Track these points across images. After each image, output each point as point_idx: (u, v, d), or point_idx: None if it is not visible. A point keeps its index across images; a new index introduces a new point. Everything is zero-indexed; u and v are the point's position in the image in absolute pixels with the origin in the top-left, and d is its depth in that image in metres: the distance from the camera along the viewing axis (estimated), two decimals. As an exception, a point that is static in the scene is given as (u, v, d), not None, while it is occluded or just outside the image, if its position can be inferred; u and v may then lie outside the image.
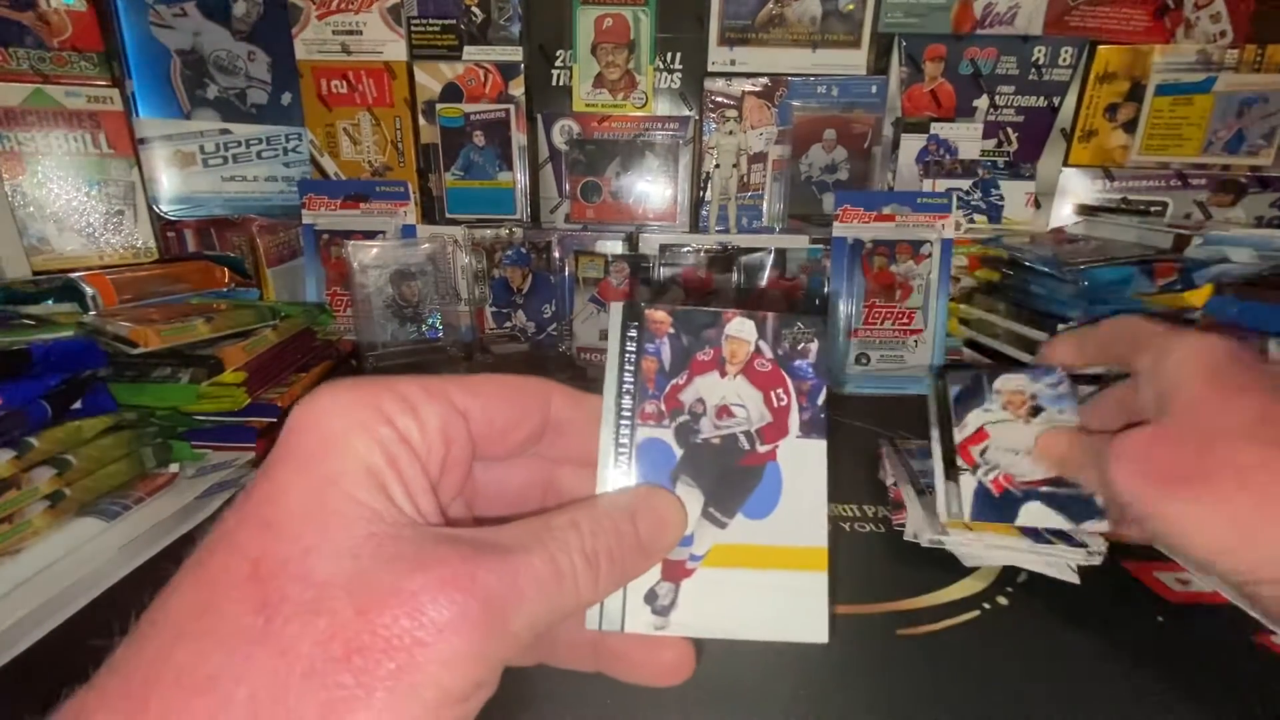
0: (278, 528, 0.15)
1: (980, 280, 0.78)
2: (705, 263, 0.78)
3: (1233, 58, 0.79)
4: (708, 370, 0.21)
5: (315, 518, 0.15)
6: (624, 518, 0.18)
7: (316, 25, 0.78)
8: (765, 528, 0.20)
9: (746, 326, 0.21)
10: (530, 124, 0.82)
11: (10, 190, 0.72)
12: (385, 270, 0.74)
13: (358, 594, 0.14)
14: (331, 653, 0.13)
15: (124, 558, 0.40)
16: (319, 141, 0.82)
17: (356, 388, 0.17)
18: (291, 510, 0.15)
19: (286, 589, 0.14)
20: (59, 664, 0.33)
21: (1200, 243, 0.60)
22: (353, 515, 0.15)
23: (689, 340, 0.21)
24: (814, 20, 0.79)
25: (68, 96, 0.73)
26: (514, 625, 0.15)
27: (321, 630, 0.14)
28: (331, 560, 0.14)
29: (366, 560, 0.15)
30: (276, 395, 0.58)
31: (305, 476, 0.16)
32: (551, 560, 0.16)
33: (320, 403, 0.17)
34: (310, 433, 0.16)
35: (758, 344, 0.21)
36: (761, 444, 0.20)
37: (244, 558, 0.15)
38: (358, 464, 0.16)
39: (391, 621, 0.14)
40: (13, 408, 0.40)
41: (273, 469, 0.16)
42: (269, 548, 0.15)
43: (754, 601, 0.19)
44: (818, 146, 0.82)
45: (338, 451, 0.16)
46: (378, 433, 0.16)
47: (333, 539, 0.15)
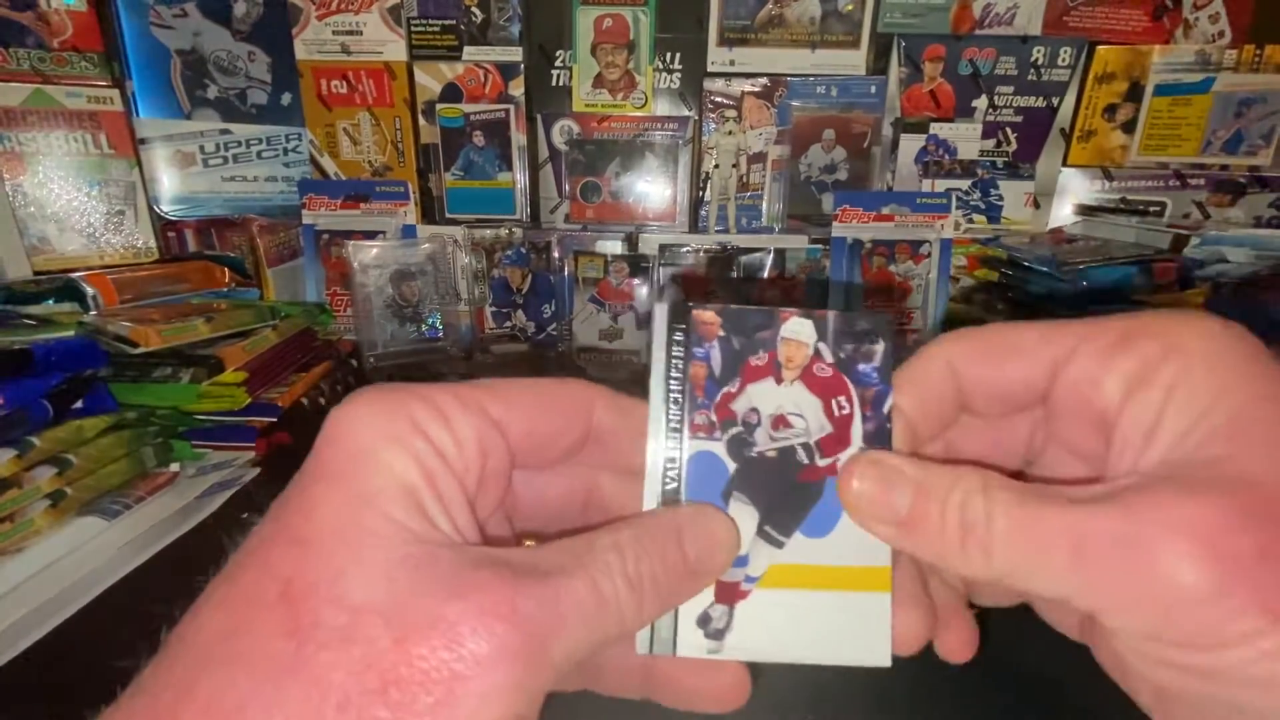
0: (310, 546, 0.14)
1: (979, 280, 0.78)
2: (705, 263, 0.78)
3: (1231, 58, 0.79)
4: (762, 376, 0.19)
5: (349, 537, 0.14)
6: (670, 539, 0.17)
7: (316, 25, 0.78)
8: (825, 547, 0.18)
9: (805, 327, 0.19)
10: (530, 124, 0.82)
11: (11, 190, 0.72)
12: (385, 270, 0.74)
13: (394, 622, 0.13)
14: (367, 684, 0.13)
15: (125, 557, 0.40)
16: (319, 142, 0.82)
17: (390, 397, 0.16)
18: (325, 528, 0.15)
19: (320, 613, 0.13)
20: (60, 663, 0.33)
21: (1198, 243, 0.60)
22: (388, 535, 0.15)
23: (741, 343, 0.19)
24: (813, 21, 0.79)
25: (68, 97, 0.73)
26: (555, 655, 0.14)
27: (356, 660, 0.13)
28: (366, 583, 0.14)
29: (403, 584, 0.14)
30: (277, 395, 0.58)
31: (339, 493, 0.15)
32: (594, 585, 0.15)
33: (354, 413, 0.16)
34: (344, 445, 0.16)
35: (817, 346, 0.19)
36: (821, 457, 0.19)
37: (275, 577, 0.14)
38: (393, 481, 0.15)
39: (429, 653, 0.13)
40: (14, 407, 0.40)
41: (306, 483, 0.15)
42: (301, 567, 0.14)
43: (813, 624, 0.18)
44: (817, 146, 0.82)
45: (373, 467, 0.15)
46: (413, 447, 0.16)
47: (367, 561, 0.14)
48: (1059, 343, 0.18)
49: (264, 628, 0.13)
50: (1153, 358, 0.16)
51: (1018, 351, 0.18)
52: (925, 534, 0.17)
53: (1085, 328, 0.18)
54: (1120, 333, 0.17)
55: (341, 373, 0.69)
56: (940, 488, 0.17)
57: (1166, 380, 0.16)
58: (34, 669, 0.32)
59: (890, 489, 0.17)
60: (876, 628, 0.18)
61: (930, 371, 0.19)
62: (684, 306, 0.19)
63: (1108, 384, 0.17)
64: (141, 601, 0.38)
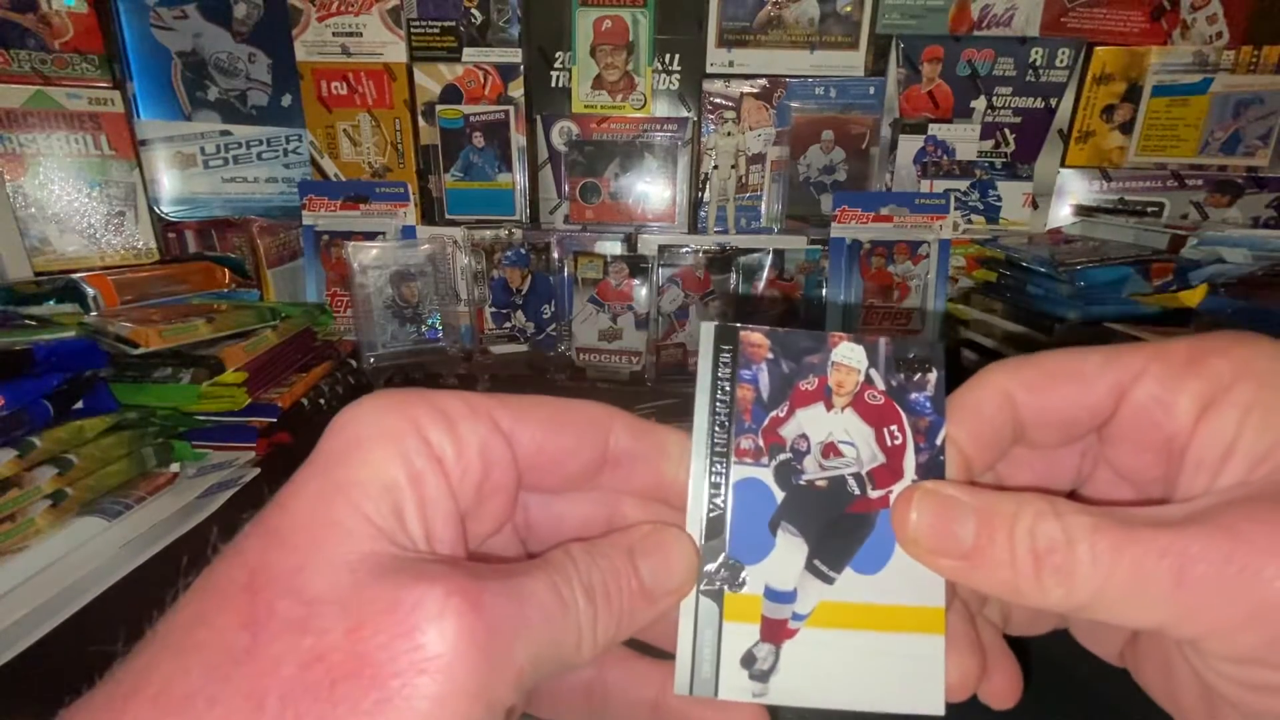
0: (279, 536, 0.14)
1: (978, 281, 0.78)
2: (704, 263, 0.78)
3: (1229, 59, 0.79)
4: (812, 402, 0.18)
5: (316, 528, 0.14)
6: (621, 556, 0.17)
7: (316, 27, 0.78)
8: (876, 584, 0.17)
9: (856, 352, 0.18)
10: (529, 125, 0.82)
11: (12, 191, 0.72)
12: (385, 271, 0.75)
13: (350, 610, 0.13)
14: (313, 679, 0.12)
15: (125, 556, 0.41)
16: (319, 143, 0.82)
17: (395, 397, 0.16)
18: (296, 519, 0.14)
19: (276, 604, 0.13)
20: (60, 662, 0.33)
21: (1196, 243, 0.60)
22: (354, 529, 0.14)
23: (790, 367, 0.18)
24: (812, 22, 0.79)
25: (69, 98, 0.73)
26: (519, 657, 0.14)
27: (306, 652, 0.12)
28: (325, 575, 0.13)
29: (366, 578, 0.13)
30: (277, 395, 0.58)
31: (318, 483, 0.15)
32: (554, 588, 0.15)
33: (356, 410, 0.16)
34: (338, 438, 0.15)
35: (868, 373, 0.18)
36: (873, 489, 0.18)
37: (243, 567, 0.14)
38: (373, 475, 0.15)
39: (385, 643, 0.12)
40: (15, 407, 0.40)
41: (297, 473, 0.15)
42: (265, 558, 0.14)
43: (863, 667, 0.17)
44: (816, 147, 0.82)
45: (355, 459, 0.15)
46: (403, 444, 0.15)
47: (328, 552, 0.14)
48: (1123, 366, 0.17)
49: (224, 618, 0.13)
50: (1224, 378, 0.16)
51: (1080, 377, 0.18)
52: (993, 565, 0.15)
53: (1150, 350, 0.17)
54: (1187, 354, 0.16)
55: (341, 373, 0.69)
56: (1006, 514, 0.16)
57: (1241, 401, 0.15)
58: (34, 669, 0.32)
59: (951, 520, 0.16)
60: (929, 672, 0.17)
61: (985, 400, 0.18)
62: (731, 327, 0.18)
63: (1179, 406, 0.16)
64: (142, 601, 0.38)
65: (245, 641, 0.13)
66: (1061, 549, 0.15)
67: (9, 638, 0.33)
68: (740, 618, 0.17)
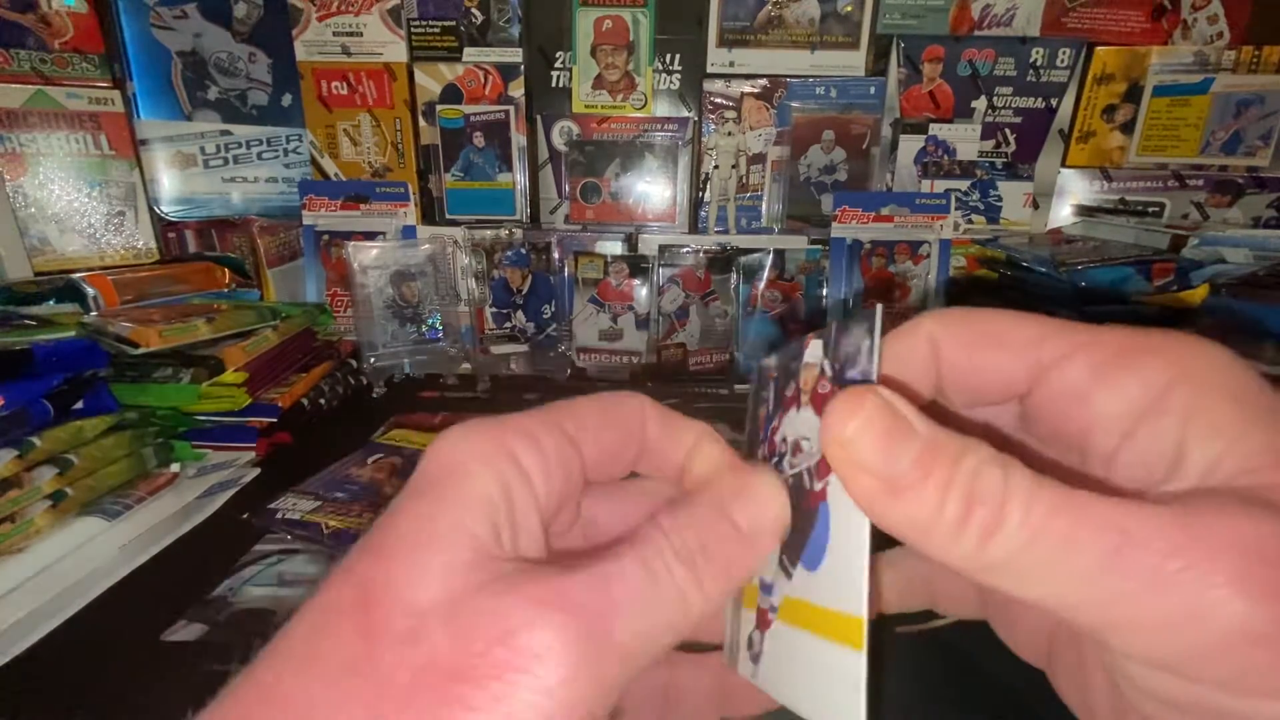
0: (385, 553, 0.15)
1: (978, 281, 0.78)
2: (704, 263, 0.78)
3: (1230, 59, 0.79)
4: (791, 405, 0.18)
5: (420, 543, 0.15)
6: (714, 510, 0.17)
7: (317, 27, 0.78)
8: (816, 582, 0.16)
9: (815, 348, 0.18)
10: (530, 125, 0.82)
11: (12, 191, 0.72)
12: (385, 271, 0.74)
13: (450, 620, 0.14)
14: (427, 682, 0.13)
15: (125, 557, 0.41)
16: (319, 143, 0.82)
17: (486, 423, 0.17)
18: (401, 536, 0.15)
19: (390, 617, 0.14)
20: (61, 662, 0.33)
21: (1197, 243, 0.60)
22: (456, 541, 0.15)
23: (783, 378, 0.19)
24: (812, 22, 0.79)
25: (69, 98, 0.73)
26: (619, 638, 0.14)
27: (418, 659, 0.13)
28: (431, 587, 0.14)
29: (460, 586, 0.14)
30: (277, 395, 0.58)
31: (419, 503, 0.16)
32: (644, 564, 0.15)
33: (449, 437, 0.17)
34: (436, 462, 0.16)
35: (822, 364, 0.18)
36: (816, 480, 0.17)
37: (354, 585, 0.15)
38: (472, 493, 0.15)
39: (485, 648, 0.13)
40: (15, 407, 0.40)
41: (398, 501, 0.16)
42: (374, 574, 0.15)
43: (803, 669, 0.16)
44: (816, 147, 0.82)
45: (455, 480, 0.16)
46: (499, 466, 0.16)
47: (433, 565, 0.14)
48: (1050, 346, 0.16)
49: (340, 632, 0.14)
50: (1158, 380, 0.15)
51: (1003, 345, 0.17)
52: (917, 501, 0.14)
53: (1081, 335, 0.16)
54: (1117, 348, 0.15)
55: (342, 373, 0.69)
56: (950, 451, 0.14)
57: (1181, 407, 0.14)
58: (35, 669, 0.32)
59: (893, 439, 0.14)
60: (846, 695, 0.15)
61: (914, 349, 0.17)
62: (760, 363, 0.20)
63: (1097, 399, 0.15)
64: (142, 602, 0.38)
65: (361, 651, 0.14)
66: (994, 500, 0.13)
67: (9, 638, 0.33)
68: (747, 604, 0.19)
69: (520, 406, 0.18)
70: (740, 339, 0.78)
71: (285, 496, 0.48)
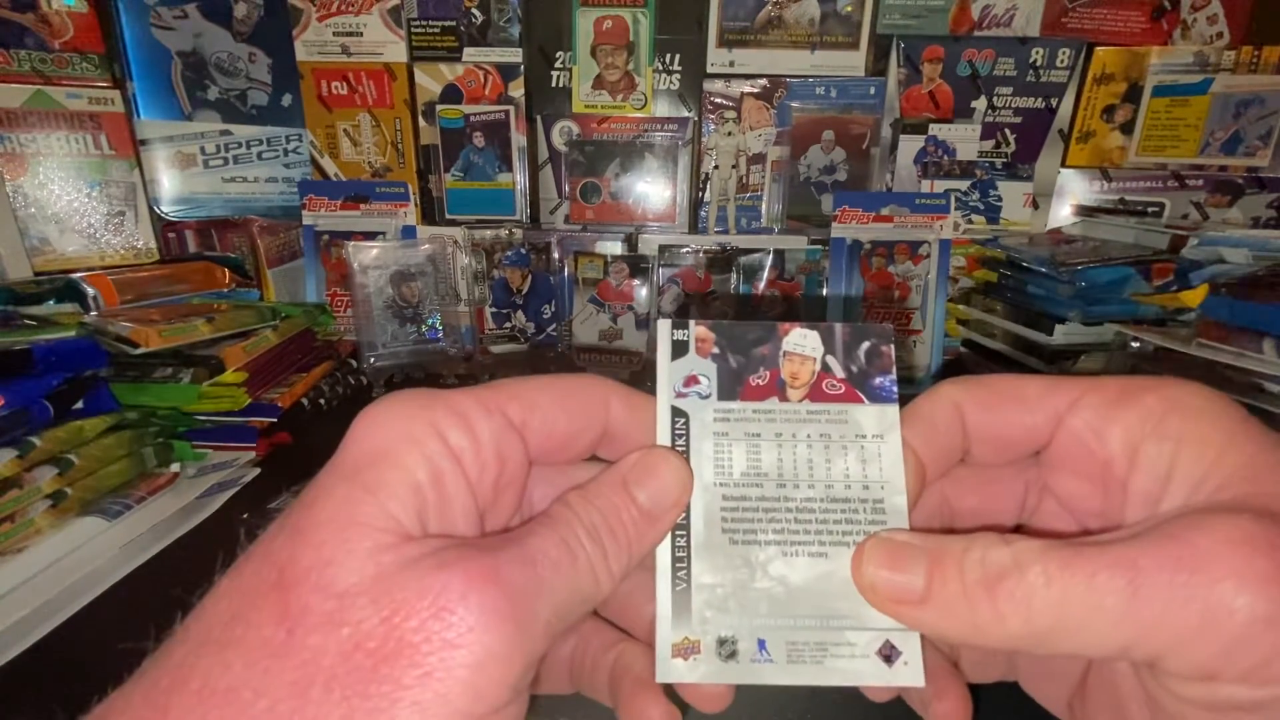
0: (306, 535, 0.15)
1: (978, 281, 0.78)
2: (704, 263, 0.78)
3: (1229, 59, 0.79)
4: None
5: (343, 527, 0.15)
6: (617, 488, 0.17)
7: (317, 27, 0.78)
8: None
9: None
10: (530, 125, 0.82)
11: (12, 191, 0.72)
12: (385, 271, 0.74)
13: (381, 600, 0.14)
14: (355, 663, 0.13)
15: (125, 557, 0.40)
16: (319, 143, 0.82)
17: (414, 400, 0.17)
18: (322, 518, 0.15)
19: (308, 599, 0.14)
20: (61, 662, 0.33)
21: (1197, 243, 0.60)
22: (380, 527, 0.15)
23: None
24: (812, 22, 0.79)
25: (69, 98, 0.73)
26: (542, 615, 0.15)
27: (344, 641, 0.13)
28: (353, 569, 0.14)
29: (389, 567, 0.14)
30: (277, 395, 0.58)
31: (345, 486, 0.15)
32: (561, 541, 0.16)
33: (377, 413, 0.16)
34: (362, 443, 0.16)
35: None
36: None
37: (273, 566, 0.15)
38: (400, 478, 0.15)
39: (419, 625, 0.13)
40: (15, 407, 0.40)
41: (320, 478, 0.16)
42: (294, 556, 0.14)
43: None
44: (816, 147, 0.82)
45: (384, 464, 0.16)
46: (428, 448, 0.16)
47: (356, 549, 0.14)
48: (1061, 394, 0.18)
49: (258, 615, 0.14)
50: (1155, 411, 0.17)
51: (1022, 400, 0.19)
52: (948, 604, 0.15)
53: (1087, 382, 0.18)
54: (1120, 389, 0.17)
55: (342, 373, 0.69)
56: (955, 550, 0.16)
57: (1174, 432, 0.16)
58: (35, 668, 0.32)
59: (903, 564, 0.16)
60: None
61: (939, 412, 0.19)
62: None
63: (1111, 434, 0.17)
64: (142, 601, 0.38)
65: (282, 636, 0.13)
66: (1013, 574, 0.15)
67: (9, 638, 0.33)
68: None
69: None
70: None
71: (285, 496, 0.48)
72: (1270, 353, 0.47)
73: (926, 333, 0.75)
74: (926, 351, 0.75)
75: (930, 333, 0.75)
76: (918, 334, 0.75)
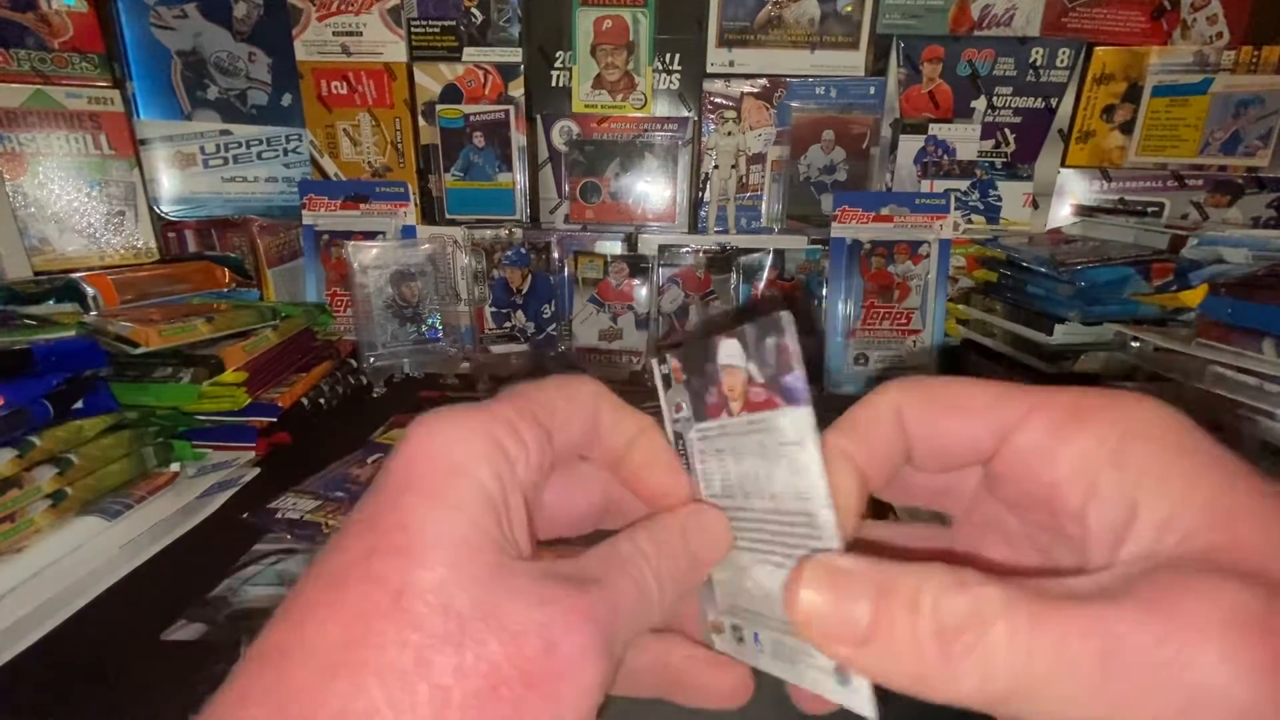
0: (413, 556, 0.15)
1: (978, 281, 0.78)
2: (704, 263, 0.78)
3: (1229, 59, 0.79)
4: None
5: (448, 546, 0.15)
6: (677, 537, 0.19)
7: (316, 26, 0.78)
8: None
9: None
10: (530, 125, 0.82)
11: (11, 191, 0.72)
12: (385, 271, 0.74)
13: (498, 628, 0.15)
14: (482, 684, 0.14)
15: (125, 556, 0.41)
16: (319, 142, 0.82)
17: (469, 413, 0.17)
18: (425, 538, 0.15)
19: (431, 620, 0.14)
20: (61, 661, 0.33)
21: (1196, 243, 0.60)
22: (479, 545, 0.16)
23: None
24: (812, 22, 0.79)
25: (68, 97, 0.73)
26: (617, 648, 0.16)
27: (469, 663, 0.14)
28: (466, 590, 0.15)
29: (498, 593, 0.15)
30: (277, 395, 0.58)
31: (435, 505, 0.16)
32: (636, 586, 0.17)
33: (438, 426, 0.17)
34: (435, 461, 0.16)
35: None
36: None
37: (385, 589, 0.15)
38: (481, 495, 0.16)
39: (534, 658, 0.15)
40: (15, 407, 0.40)
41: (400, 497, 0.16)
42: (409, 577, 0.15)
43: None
44: (816, 147, 0.82)
45: (462, 481, 0.16)
46: (495, 463, 0.17)
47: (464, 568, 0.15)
48: (1010, 408, 0.17)
49: (382, 637, 0.14)
50: (1111, 435, 0.15)
51: (965, 411, 0.18)
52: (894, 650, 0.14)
53: (1036, 397, 0.17)
54: (1072, 407, 0.16)
55: (341, 373, 0.69)
56: (906, 588, 0.14)
57: (1135, 462, 0.15)
58: (35, 667, 0.32)
59: (844, 597, 0.15)
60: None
61: (879, 418, 0.18)
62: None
63: (1062, 457, 0.16)
64: (142, 601, 0.38)
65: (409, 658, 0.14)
66: (973, 628, 0.13)
67: (9, 637, 0.33)
68: None
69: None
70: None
71: (285, 496, 0.48)
72: (1270, 353, 0.47)
73: (926, 333, 0.75)
74: (926, 351, 0.75)
75: (930, 332, 0.75)
76: (917, 334, 0.75)
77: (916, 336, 0.75)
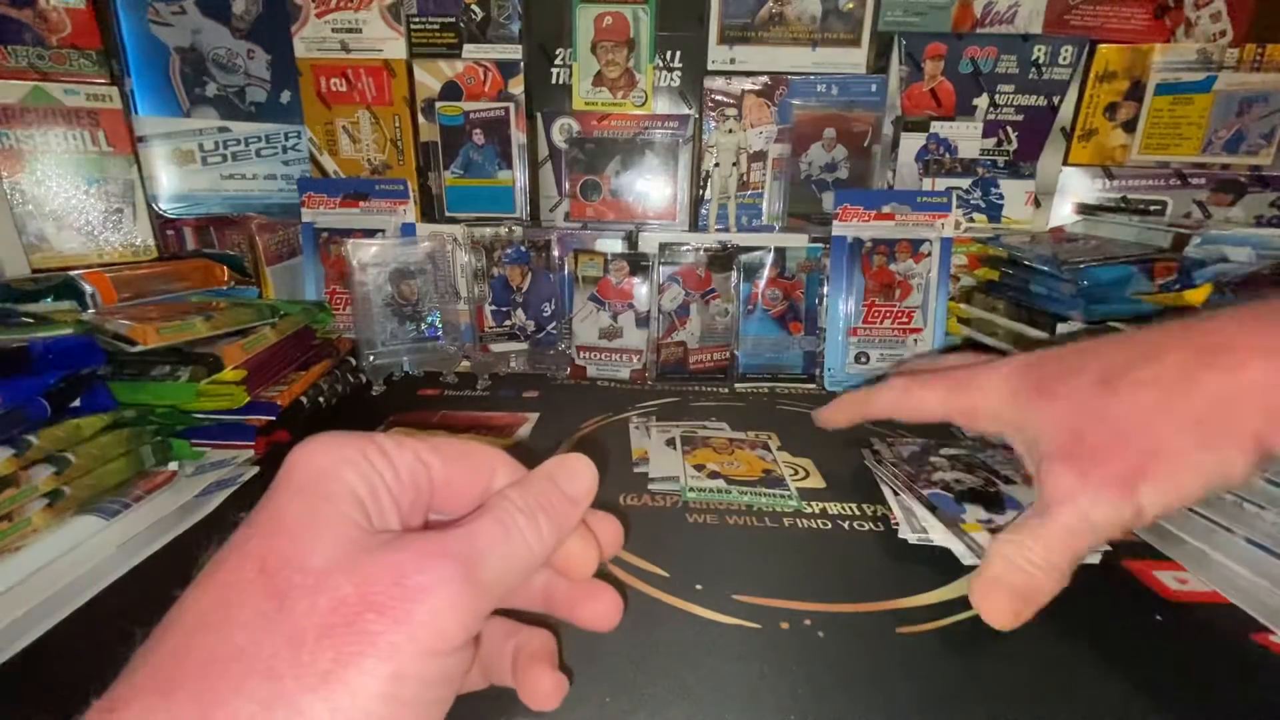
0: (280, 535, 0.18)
1: (980, 279, 0.78)
2: (705, 261, 0.78)
3: (1233, 57, 0.79)
4: None
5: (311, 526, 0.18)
6: (546, 481, 0.23)
7: (316, 23, 0.78)
8: None
9: None
10: (530, 122, 0.82)
11: (9, 188, 0.71)
12: (384, 268, 0.74)
13: (353, 574, 0.17)
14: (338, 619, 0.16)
15: (123, 555, 0.40)
16: (318, 140, 0.82)
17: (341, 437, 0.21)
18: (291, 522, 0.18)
19: (291, 578, 0.17)
20: (59, 662, 0.33)
21: (1199, 242, 0.60)
22: (343, 525, 0.19)
23: None
24: (814, 19, 0.79)
25: (66, 94, 0.73)
26: (484, 577, 0.19)
27: (326, 604, 0.17)
28: (325, 554, 0.18)
29: (355, 551, 0.18)
30: (276, 393, 0.58)
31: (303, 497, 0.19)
32: (498, 521, 0.21)
33: (313, 446, 0.21)
34: (307, 467, 0.20)
35: None
36: None
37: (252, 561, 0.17)
38: (346, 489, 0.19)
39: (384, 590, 0.17)
40: (12, 405, 0.40)
41: (274, 496, 0.20)
42: (273, 550, 0.18)
43: None
44: (817, 145, 0.82)
45: (330, 479, 0.20)
46: (361, 468, 0.20)
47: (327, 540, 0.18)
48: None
49: (248, 597, 0.17)
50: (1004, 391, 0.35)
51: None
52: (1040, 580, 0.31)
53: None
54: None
55: (341, 371, 0.69)
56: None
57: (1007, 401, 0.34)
58: (32, 668, 0.32)
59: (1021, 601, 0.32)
60: None
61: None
62: None
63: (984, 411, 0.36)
64: (140, 600, 0.38)
65: (274, 607, 0.16)
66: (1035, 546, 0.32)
67: (6, 638, 0.33)
68: None
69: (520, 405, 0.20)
70: (740, 338, 0.78)
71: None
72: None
73: (927, 331, 0.75)
74: (927, 350, 0.75)
75: (931, 331, 0.75)
76: (919, 332, 0.75)
77: (918, 335, 0.75)
